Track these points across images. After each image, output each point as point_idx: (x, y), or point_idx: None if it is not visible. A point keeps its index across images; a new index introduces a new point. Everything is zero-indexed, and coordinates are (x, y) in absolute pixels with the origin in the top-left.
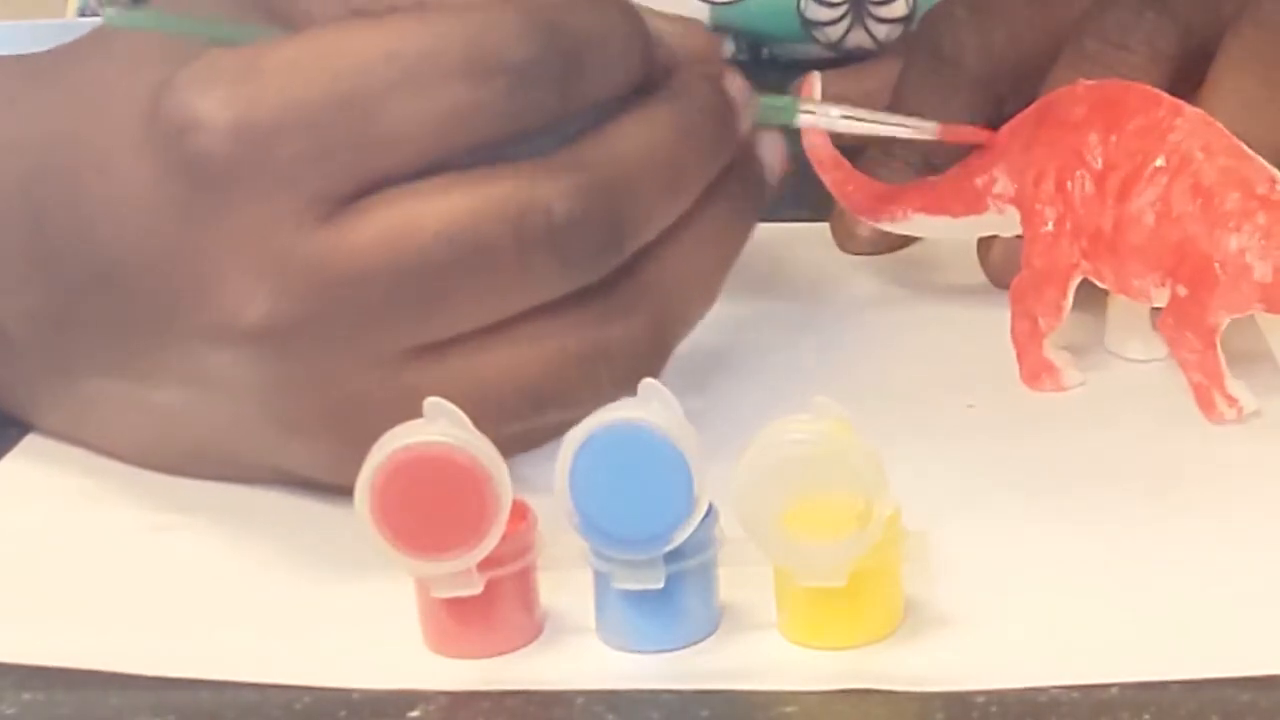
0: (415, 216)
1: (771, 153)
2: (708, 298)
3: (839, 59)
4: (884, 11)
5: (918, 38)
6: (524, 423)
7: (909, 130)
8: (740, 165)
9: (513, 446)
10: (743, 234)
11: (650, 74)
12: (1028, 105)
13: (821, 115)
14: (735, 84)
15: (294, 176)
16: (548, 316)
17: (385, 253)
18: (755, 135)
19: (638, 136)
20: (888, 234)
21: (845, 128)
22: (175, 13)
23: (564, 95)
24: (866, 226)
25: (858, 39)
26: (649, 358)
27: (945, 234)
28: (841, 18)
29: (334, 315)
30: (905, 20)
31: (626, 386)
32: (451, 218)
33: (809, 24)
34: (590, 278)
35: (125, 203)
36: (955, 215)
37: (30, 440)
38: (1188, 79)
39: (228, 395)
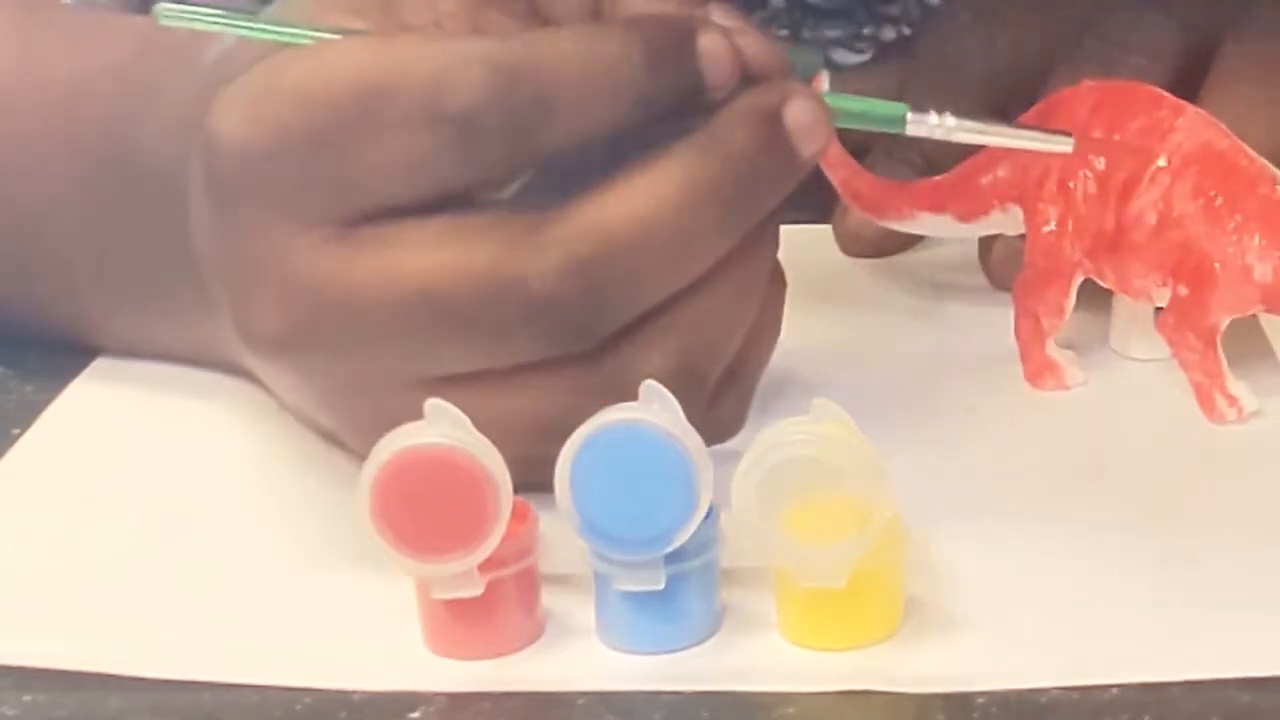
0: (398, 265)
1: (805, 119)
2: (743, 322)
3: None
4: None
5: (922, 40)
6: (550, 454)
7: (1038, 143)
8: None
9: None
10: (774, 248)
11: (685, 103)
12: (1031, 107)
13: (938, 126)
14: (800, 110)
15: (285, 201)
16: (557, 365)
17: (375, 292)
18: (787, 96)
19: (640, 203)
20: (889, 236)
21: (964, 138)
22: (235, 11)
23: (521, 145)
24: (869, 228)
25: None
26: (680, 391)
27: (950, 233)
28: None
29: (336, 338)
30: None
31: None
32: (434, 275)
33: None
34: (574, 349)
35: (197, 203)
36: (960, 214)
37: (31, 438)
38: (1189, 79)
39: (287, 395)
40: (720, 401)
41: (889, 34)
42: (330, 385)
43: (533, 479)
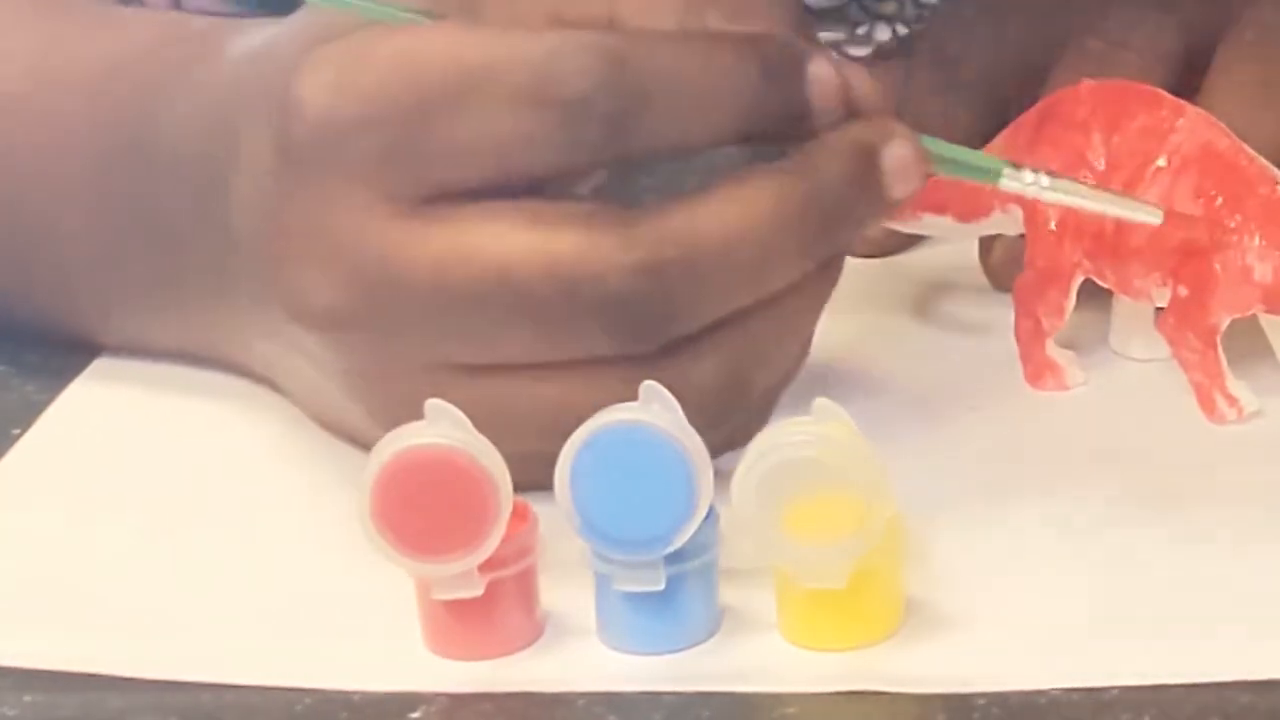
0: (475, 246)
1: (902, 160)
2: (801, 343)
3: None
4: None
5: (924, 38)
6: None
7: (1127, 212)
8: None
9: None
10: (835, 281)
11: (786, 127)
12: (1031, 106)
13: (1032, 184)
14: (899, 151)
15: (366, 172)
16: (610, 362)
17: (439, 272)
18: (889, 135)
19: (729, 215)
20: (889, 236)
21: (1056, 200)
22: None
23: (621, 137)
24: (873, 227)
25: None
26: (724, 403)
27: (950, 233)
28: None
29: (391, 316)
30: None
31: (699, 430)
32: (508, 260)
33: None
34: (636, 350)
35: (253, 172)
36: (960, 214)
37: (32, 437)
38: (1189, 79)
39: (327, 373)
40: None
41: (884, 33)
42: (373, 365)
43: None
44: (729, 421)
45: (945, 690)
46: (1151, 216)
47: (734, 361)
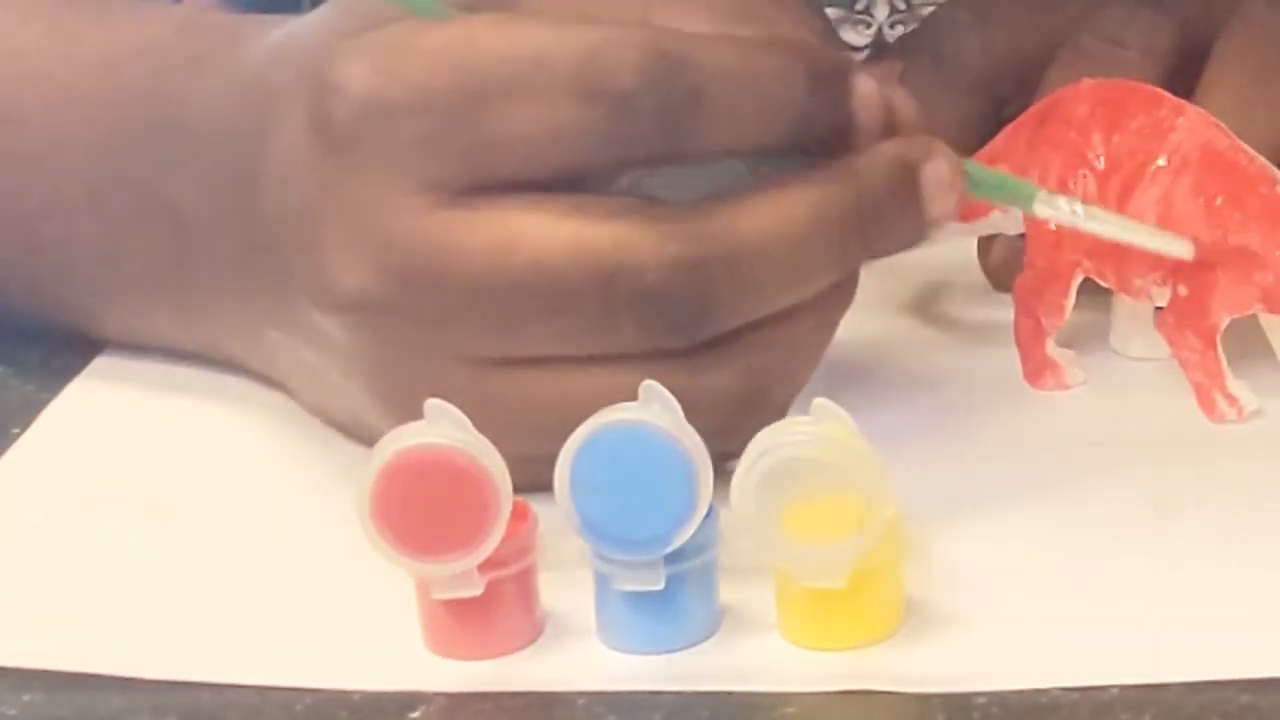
0: (515, 236)
1: (940, 178)
2: (814, 358)
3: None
4: None
5: (918, 39)
6: None
7: (1158, 243)
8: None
9: None
10: (853, 296)
11: (828, 139)
12: (1029, 107)
13: (1067, 211)
14: (938, 168)
15: (408, 158)
16: (636, 359)
17: (478, 261)
18: (930, 153)
19: (769, 217)
20: None
21: (1088, 228)
22: None
23: (669, 134)
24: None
25: None
26: (743, 410)
27: (950, 233)
28: None
29: (422, 304)
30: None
31: (716, 436)
32: (548, 250)
33: None
34: (671, 345)
35: (285, 155)
36: (961, 214)
37: (32, 436)
38: (1185, 76)
39: (339, 361)
40: None
41: (883, 10)
42: (399, 354)
43: None
44: (743, 433)
45: (945, 690)
46: (1182, 250)
47: (755, 371)
